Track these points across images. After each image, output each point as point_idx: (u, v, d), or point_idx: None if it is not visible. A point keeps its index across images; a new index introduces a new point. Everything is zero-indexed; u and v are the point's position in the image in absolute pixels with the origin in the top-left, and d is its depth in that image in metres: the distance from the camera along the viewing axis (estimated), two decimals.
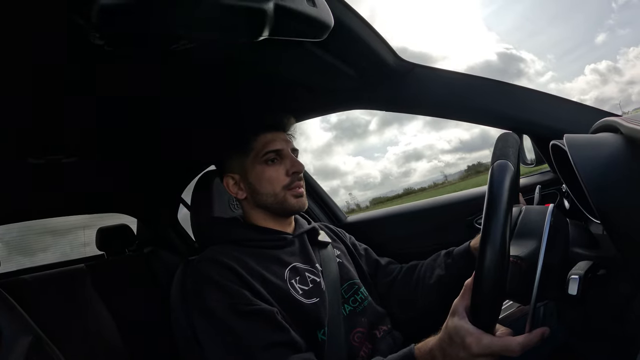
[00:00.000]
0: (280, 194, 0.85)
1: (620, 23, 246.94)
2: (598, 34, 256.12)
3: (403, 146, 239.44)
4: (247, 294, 0.72)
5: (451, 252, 0.92)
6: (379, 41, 0.80)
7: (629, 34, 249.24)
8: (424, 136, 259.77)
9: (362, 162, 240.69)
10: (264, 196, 0.86)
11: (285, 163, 0.87)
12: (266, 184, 0.86)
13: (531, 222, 0.62)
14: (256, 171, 0.86)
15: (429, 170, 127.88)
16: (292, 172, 0.86)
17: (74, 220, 1.97)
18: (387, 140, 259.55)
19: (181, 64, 0.73)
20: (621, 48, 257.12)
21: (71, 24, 0.45)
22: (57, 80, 0.68)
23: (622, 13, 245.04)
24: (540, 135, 0.95)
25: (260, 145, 0.86)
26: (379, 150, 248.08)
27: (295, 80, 0.91)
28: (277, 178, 0.86)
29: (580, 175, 0.48)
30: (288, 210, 0.87)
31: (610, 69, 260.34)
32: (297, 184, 0.87)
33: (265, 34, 0.52)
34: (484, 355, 0.49)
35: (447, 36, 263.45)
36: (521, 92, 0.91)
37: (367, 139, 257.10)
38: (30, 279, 1.39)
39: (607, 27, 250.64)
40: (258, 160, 0.86)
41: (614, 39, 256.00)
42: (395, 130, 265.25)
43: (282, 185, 0.86)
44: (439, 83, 0.93)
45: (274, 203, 0.86)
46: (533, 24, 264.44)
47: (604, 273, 0.53)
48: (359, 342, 0.81)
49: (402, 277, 0.97)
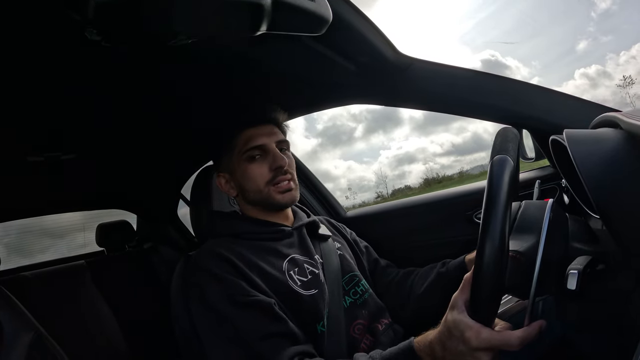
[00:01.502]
0: (264, 191, 0.84)
1: (602, 30, 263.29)
2: (579, 41, 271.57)
3: (395, 150, 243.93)
4: (245, 285, 0.72)
5: (447, 262, 0.92)
6: (378, 36, 0.80)
7: (612, 41, 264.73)
8: (415, 140, 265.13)
9: (353, 165, 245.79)
10: (251, 193, 0.86)
11: (268, 158, 0.85)
12: (250, 182, 0.85)
13: (530, 216, 0.62)
14: (241, 169, 0.86)
15: (425, 172, 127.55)
16: (274, 167, 0.84)
17: (74, 222, 1.98)
18: (375, 146, 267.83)
19: (179, 60, 0.73)
20: (607, 54, 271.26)
21: (68, 20, 0.44)
22: (54, 77, 0.68)
23: (602, 21, 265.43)
24: (540, 130, 0.94)
25: (242, 142, 0.85)
26: (368, 155, 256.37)
27: (294, 75, 0.90)
28: (261, 174, 0.84)
29: (579, 171, 0.48)
30: (275, 206, 0.86)
31: (600, 73, 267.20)
32: (281, 179, 0.85)
33: (264, 28, 0.51)
34: (483, 349, 0.49)
35: (429, 43, 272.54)
36: (521, 86, 0.90)
37: (353, 145, 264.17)
38: (31, 275, 1.40)
39: (588, 34, 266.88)
40: (241, 158, 0.85)
41: (597, 46, 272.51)
42: (381, 136, 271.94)
43: (265, 181, 0.84)
44: (439, 78, 0.92)
45: (260, 200, 0.86)
46: (514, 36, 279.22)
47: (603, 268, 0.53)
48: (360, 334, 0.81)
49: (397, 282, 0.98)
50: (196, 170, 1.09)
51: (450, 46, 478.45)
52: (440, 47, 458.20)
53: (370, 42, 0.80)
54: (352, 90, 1.03)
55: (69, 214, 1.78)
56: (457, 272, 0.86)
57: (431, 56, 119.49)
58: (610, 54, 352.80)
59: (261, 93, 0.99)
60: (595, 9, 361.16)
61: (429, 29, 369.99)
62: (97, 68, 0.68)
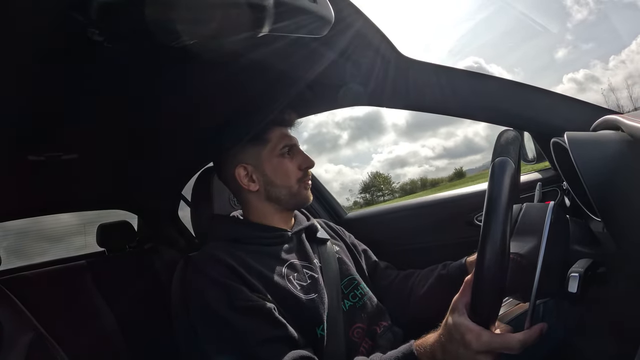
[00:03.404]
0: (294, 187, 0.88)
1: (581, 39, 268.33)
2: (557, 50, 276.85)
3: (386, 154, 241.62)
4: (245, 290, 0.72)
5: (448, 264, 0.92)
6: (380, 37, 0.80)
7: (594, 48, 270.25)
8: (406, 144, 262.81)
9: (343, 169, 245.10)
10: (279, 188, 0.88)
11: (297, 158, 0.90)
12: (283, 176, 0.88)
13: (532, 219, 0.61)
14: (273, 163, 0.88)
15: (420, 175, 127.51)
16: (304, 166, 0.89)
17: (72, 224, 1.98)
18: (361, 152, 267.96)
19: (180, 61, 0.73)
20: (591, 60, 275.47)
21: (70, 20, 0.45)
22: (56, 77, 0.68)
23: (580, 30, 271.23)
24: (541, 133, 0.94)
25: (277, 137, 0.89)
26: (357, 160, 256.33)
27: (295, 76, 0.91)
28: (293, 171, 0.89)
29: (581, 173, 0.48)
30: (300, 202, 0.90)
31: (588, 78, 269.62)
32: (307, 179, 0.91)
33: (266, 30, 0.51)
34: (484, 352, 0.49)
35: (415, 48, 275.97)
36: (522, 89, 0.90)
37: (340, 151, 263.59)
38: (31, 275, 1.40)
39: (566, 42, 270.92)
40: (275, 153, 0.88)
41: (579, 54, 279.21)
42: (366, 143, 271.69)
43: (297, 178, 0.89)
44: (440, 79, 0.92)
45: (287, 195, 0.88)
46: (497, 49, 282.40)
47: (604, 271, 0.53)
48: (359, 337, 0.81)
49: (397, 284, 0.98)
50: (197, 171, 1.09)
51: (435, 55, 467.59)
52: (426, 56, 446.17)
53: (372, 44, 0.80)
54: (353, 92, 1.03)
55: (69, 215, 1.78)
56: (458, 274, 0.86)
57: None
58: (594, 60, 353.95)
59: (262, 94, 0.99)
60: (571, 20, 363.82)
61: (409, 40, 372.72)
62: (100, 68, 0.68)
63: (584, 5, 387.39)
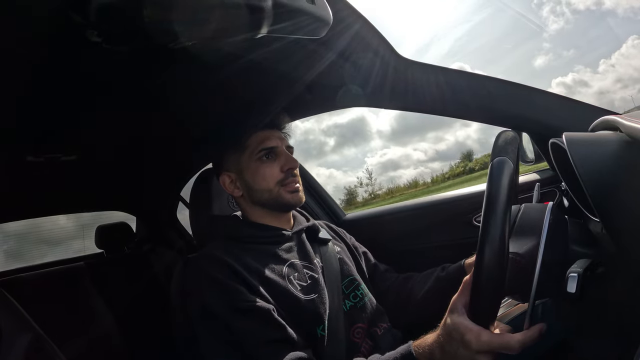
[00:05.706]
0: (274, 190, 0.86)
1: (561, 46, 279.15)
2: (535, 58, 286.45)
3: (378, 157, 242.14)
4: (245, 290, 0.72)
5: (446, 266, 0.93)
6: (378, 38, 0.80)
7: (575, 54, 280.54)
8: (397, 148, 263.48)
9: (334, 173, 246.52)
10: (259, 192, 0.87)
11: (279, 160, 0.88)
12: (261, 181, 0.87)
13: (530, 219, 0.61)
14: (251, 168, 0.87)
15: (416, 177, 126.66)
16: (286, 168, 0.87)
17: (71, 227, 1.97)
18: (349, 157, 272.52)
19: (179, 62, 0.73)
20: (575, 65, 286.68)
21: (69, 21, 0.45)
22: (55, 78, 0.68)
23: (558, 39, 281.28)
24: (539, 133, 0.94)
25: (255, 142, 0.88)
26: (348, 165, 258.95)
27: (294, 77, 0.91)
28: (272, 174, 0.87)
29: (579, 174, 0.48)
30: (283, 205, 0.88)
31: (577, 82, 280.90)
32: (291, 180, 0.88)
33: (264, 31, 0.51)
34: (483, 352, 0.49)
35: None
36: (520, 89, 0.91)
37: (324, 157, 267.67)
38: (30, 277, 1.40)
39: (545, 50, 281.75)
40: (253, 158, 0.87)
41: (562, 62, 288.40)
42: (353, 149, 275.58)
43: (276, 181, 0.87)
44: (438, 80, 0.92)
45: (269, 199, 0.87)
46: (483, 61, 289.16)
47: (602, 271, 0.53)
48: (359, 338, 0.81)
49: (397, 286, 0.98)
50: (196, 173, 1.09)
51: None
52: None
53: (370, 45, 0.80)
54: (351, 93, 1.03)
55: (67, 219, 1.77)
56: (457, 276, 0.86)
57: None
58: (578, 65, 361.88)
59: (261, 95, 0.99)
60: (548, 29, 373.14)
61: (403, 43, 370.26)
62: (98, 69, 0.68)
63: (560, 16, 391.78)
